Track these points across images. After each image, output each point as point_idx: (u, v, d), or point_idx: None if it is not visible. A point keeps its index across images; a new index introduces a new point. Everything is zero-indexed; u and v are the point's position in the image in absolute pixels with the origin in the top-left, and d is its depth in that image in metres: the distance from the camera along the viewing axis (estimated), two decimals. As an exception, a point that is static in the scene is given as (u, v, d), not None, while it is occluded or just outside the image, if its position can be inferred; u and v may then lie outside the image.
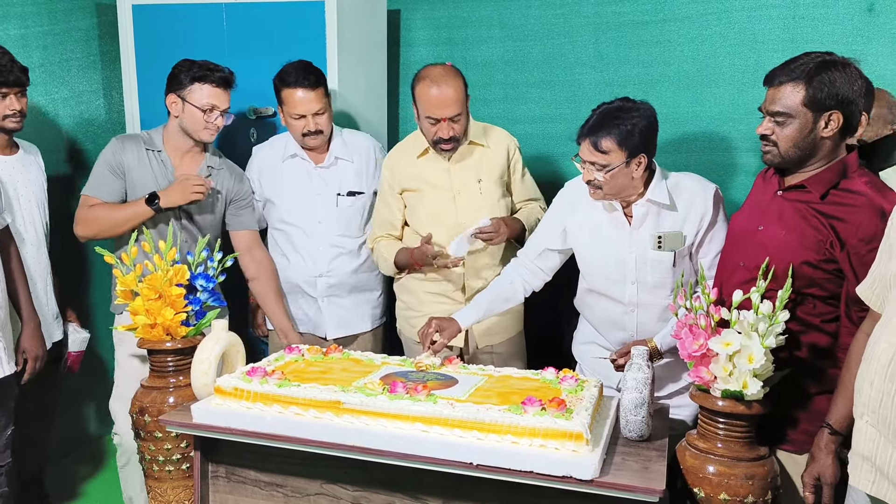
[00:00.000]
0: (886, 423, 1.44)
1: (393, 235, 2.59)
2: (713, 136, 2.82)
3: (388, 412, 1.70)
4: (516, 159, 2.55)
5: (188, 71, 2.47)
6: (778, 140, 1.80)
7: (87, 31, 3.15)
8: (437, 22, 3.18)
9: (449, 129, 2.36)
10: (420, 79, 2.38)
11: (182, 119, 2.49)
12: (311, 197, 2.65)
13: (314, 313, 2.72)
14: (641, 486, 1.55)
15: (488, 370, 2.01)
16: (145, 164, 2.51)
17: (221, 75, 2.48)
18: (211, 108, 2.47)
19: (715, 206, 2.12)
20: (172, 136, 2.54)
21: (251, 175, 2.71)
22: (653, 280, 2.13)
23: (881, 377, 1.45)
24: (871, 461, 1.47)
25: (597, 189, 2.06)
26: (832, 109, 1.74)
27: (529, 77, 3.07)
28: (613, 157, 1.99)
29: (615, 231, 2.15)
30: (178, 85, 2.48)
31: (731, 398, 1.67)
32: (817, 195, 1.79)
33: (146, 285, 2.06)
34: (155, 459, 2.07)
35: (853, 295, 1.71)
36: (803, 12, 2.69)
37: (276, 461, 1.86)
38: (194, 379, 1.94)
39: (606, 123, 1.99)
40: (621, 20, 2.91)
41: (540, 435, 1.60)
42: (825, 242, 1.76)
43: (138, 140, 2.55)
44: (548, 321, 2.81)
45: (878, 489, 1.47)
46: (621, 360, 2.13)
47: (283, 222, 2.68)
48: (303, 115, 2.53)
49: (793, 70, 1.77)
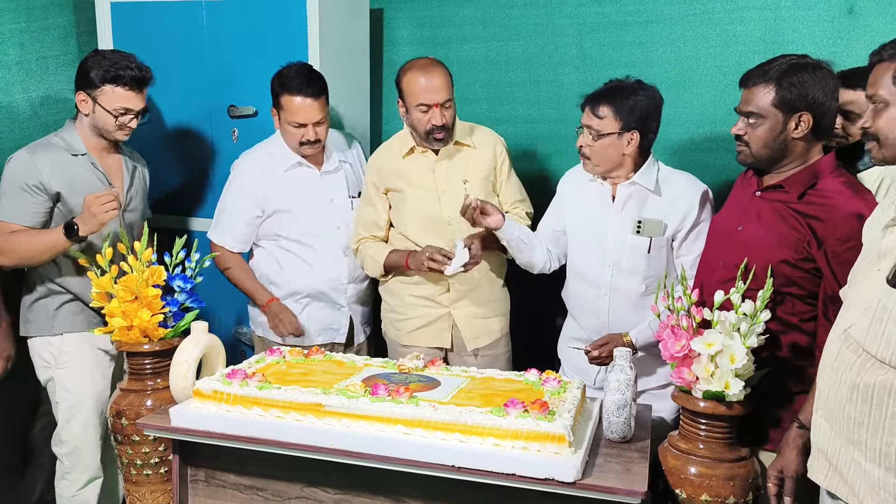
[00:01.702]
0: (834, 415, 1.46)
1: (378, 237, 2.56)
2: (695, 136, 2.84)
3: (369, 414, 1.69)
4: (503, 160, 2.54)
5: (99, 68, 2.29)
6: (750, 140, 1.85)
7: (64, 28, 3.10)
8: (421, 21, 3.16)
9: (441, 115, 2.35)
10: (406, 70, 2.38)
11: (94, 118, 2.34)
12: (325, 203, 2.58)
13: (336, 319, 2.66)
14: (623, 488, 1.55)
15: (471, 372, 2.00)
16: (79, 174, 2.33)
17: (134, 75, 2.31)
18: (124, 111, 2.32)
19: (701, 205, 2.16)
20: (88, 136, 2.38)
21: (251, 190, 2.53)
22: (627, 265, 2.17)
23: (829, 370, 1.48)
24: (825, 454, 1.50)
25: (586, 159, 2.15)
26: (802, 111, 1.78)
27: (513, 77, 3.06)
28: (607, 124, 2.09)
29: (600, 210, 2.22)
30: (89, 84, 2.30)
31: (712, 399, 1.67)
32: (795, 195, 1.82)
33: (122, 287, 2.03)
34: (133, 463, 2.04)
35: (830, 293, 1.74)
36: (784, 14, 2.71)
37: (257, 464, 1.84)
38: (173, 382, 1.92)
39: (610, 93, 2.11)
40: (604, 21, 2.92)
41: (522, 437, 1.59)
42: (802, 241, 1.78)
43: (54, 149, 2.33)
44: (534, 323, 2.81)
45: (829, 482, 1.49)
46: (595, 351, 2.17)
47: (300, 232, 2.56)
48: (303, 125, 2.44)
49: (766, 72, 1.81)
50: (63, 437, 2.43)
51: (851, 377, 1.42)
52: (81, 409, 2.40)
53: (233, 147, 2.85)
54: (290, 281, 2.59)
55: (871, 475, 1.39)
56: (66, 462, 2.44)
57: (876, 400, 1.37)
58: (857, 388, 1.40)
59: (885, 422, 1.36)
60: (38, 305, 2.40)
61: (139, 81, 2.33)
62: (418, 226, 2.47)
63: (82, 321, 2.40)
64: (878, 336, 1.37)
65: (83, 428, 2.41)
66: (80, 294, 2.38)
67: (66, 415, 2.41)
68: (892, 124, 1.46)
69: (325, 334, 2.65)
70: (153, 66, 2.92)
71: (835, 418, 1.46)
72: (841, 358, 1.46)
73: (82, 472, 2.43)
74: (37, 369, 2.45)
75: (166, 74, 2.91)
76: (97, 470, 2.46)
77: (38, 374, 2.46)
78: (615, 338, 2.18)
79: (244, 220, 2.57)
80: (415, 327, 2.53)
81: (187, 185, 2.99)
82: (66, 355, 2.40)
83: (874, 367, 1.38)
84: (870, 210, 1.71)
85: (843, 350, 1.45)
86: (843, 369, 1.44)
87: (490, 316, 2.54)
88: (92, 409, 2.42)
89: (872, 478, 1.39)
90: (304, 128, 2.45)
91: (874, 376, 1.37)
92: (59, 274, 2.37)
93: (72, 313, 2.40)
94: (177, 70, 2.90)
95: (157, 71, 2.90)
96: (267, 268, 2.61)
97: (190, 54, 2.87)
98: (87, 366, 2.41)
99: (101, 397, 2.42)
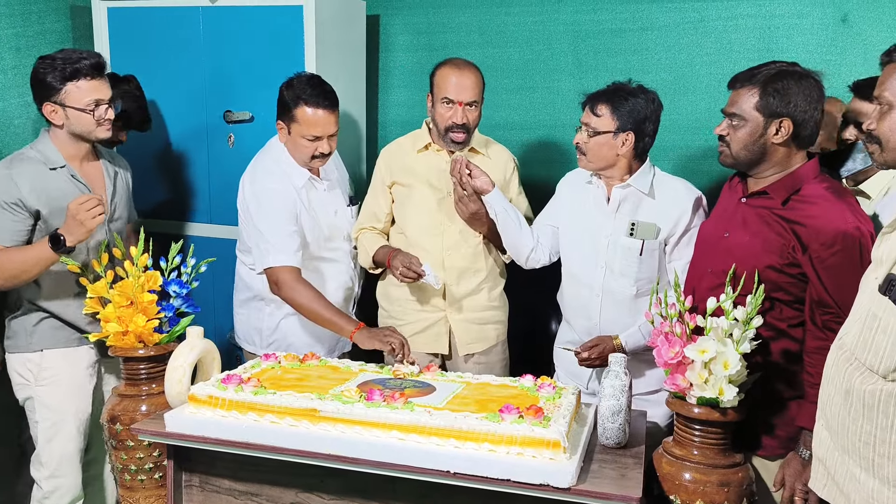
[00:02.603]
0: (830, 425, 1.45)
1: (377, 228, 2.57)
2: (690, 143, 2.85)
3: (364, 420, 1.69)
4: (514, 176, 2.56)
5: (54, 72, 2.16)
6: (731, 141, 1.88)
7: (61, 33, 3.10)
8: (417, 27, 3.17)
9: (464, 114, 2.37)
10: (442, 65, 2.42)
11: (70, 125, 2.22)
12: (332, 215, 2.55)
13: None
14: (618, 494, 1.55)
15: (466, 377, 2.00)
16: (59, 189, 2.22)
17: (90, 63, 2.18)
18: (96, 103, 2.20)
19: (694, 211, 2.18)
20: (66, 145, 2.26)
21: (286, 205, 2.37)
22: (619, 267, 2.20)
23: (827, 380, 1.48)
24: (824, 464, 1.49)
25: (581, 155, 2.20)
26: (783, 117, 1.80)
27: (508, 83, 3.07)
28: (603, 122, 2.14)
29: (595, 211, 2.25)
30: (50, 91, 2.17)
31: (706, 405, 1.68)
32: (779, 201, 1.84)
33: (117, 292, 2.03)
34: (127, 469, 2.04)
35: (816, 298, 1.76)
36: (778, 22, 2.73)
37: (251, 470, 1.84)
38: (168, 387, 1.91)
39: (610, 93, 2.16)
40: (600, 28, 2.93)
41: (517, 443, 1.59)
42: (788, 247, 1.80)
43: (32, 163, 2.22)
44: (531, 329, 2.81)
45: (828, 493, 1.49)
46: (585, 353, 2.19)
47: (317, 245, 2.49)
48: (318, 137, 2.35)
49: (753, 76, 1.84)
50: (43, 459, 2.33)
51: (845, 385, 1.41)
52: (63, 427, 2.32)
53: (229, 152, 2.86)
54: None
55: (866, 486, 1.37)
56: (46, 486, 2.34)
57: (866, 410, 1.36)
58: (850, 397, 1.40)
59: (877, 432, 1.35)
60: (17, 322, 2.32)
61: (98, 67, 2.20)
62: (418, 223, 2.48)
63: (63, 338, 2.32)
64: (867, 344, 1.37)
65: (65, 447, 2.33)
66: (57, 313, 2.30)
67: (46, 434, 2.32)
68: (895, 128, 1.43)
69: (340, 346, 2.61)
70: (150, 71, 2.94)
71: (832, 427, 1.46)
72: (837, 366, 1.45)
73: (62, 496, 2.35)
74: (14, 387, 2.35)
75: (163, 79, 2.93)
76: (79, 492, 2.39)
77: (16, 393, 2.36)
78: (605, 340, 2.19)
79: (289, 232, 2.39)
80: (411, 332, 2.52)
81: (183, 190, 2.99)
82: (46, 371, 2.31)
83: (865, 375, 1.37)
84: (853, 215, 1.73)
85: (839, 358, 1.45)
86: (837, 378, 1.44)
87: (487, 322, 2.54)
88: (74, 427, 2.34)
89: (867, 489, 1.37)
90: (318, 141, 2.36)
91: (865, 385, 1.36)
92: (38, 293, 2.28)
93: (52, 328, 2.31)
94: (173, 75, 2.90)
95: (153, 76, 2.93)
96: None
97: (187, 59, 2.88)
98: (69, 383, 2.33)
99: (83, 416, 2.36)
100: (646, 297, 2.18)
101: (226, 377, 1.87)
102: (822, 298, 1.75)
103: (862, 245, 1.71)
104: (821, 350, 1.74)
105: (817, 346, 1.76)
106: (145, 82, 2.87)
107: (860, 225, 1.73)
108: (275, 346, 2.53)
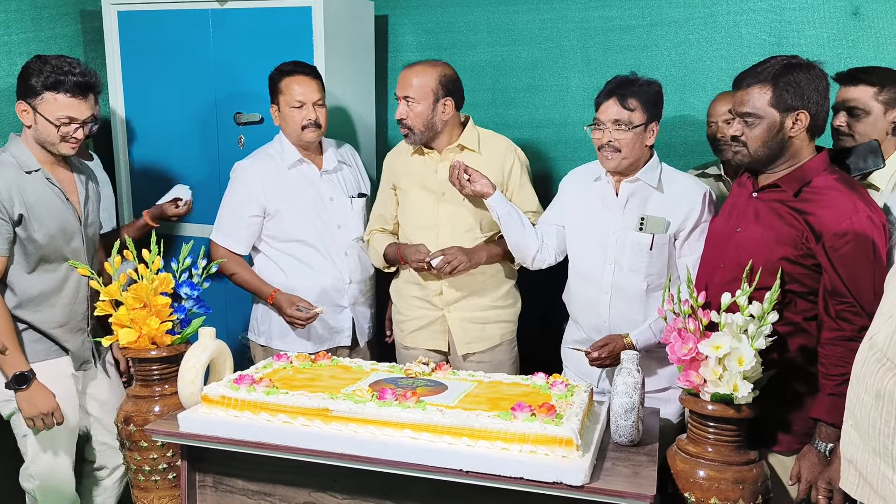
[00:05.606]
0: (859, 425, 1.44)
1: (386, 230, 2.62)
2: (700, 139, 2.83)
3: (377, 419, 1.69)
4: (515, 170, 2.50)
5: (39, 75, 2.09)
6: (747, 140, 1.86)
7: (71, 37, 3.12)
8: (425, 27, 3.17)
9: (405, 110, 2.40)
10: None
11: (36, 130, 2.15)
12: (325, 202, 2.59)
13: (339, 322, 2.64)
14: (632, 492, 1.54)
15: (478, 376, 2.00)
16: (36, 193, 2.16)
17: (77, 81, 2.10)
18: (69, 120, 2.12)
19: (703, 205, 2.16)
20: (36, 148, 2.19)
21: (252, 190, 2.52)
22: (628, 262, 2.18)
23: (856, 378, 1.46)
24: (854, 465, 1.47)
25: (615, 151, 2.12)
26: (799, 109, 1.80)
27: (517, 82, 3.06)
28: (637, 115, 2.10)
29: (603, 207, 2.23)
30: (29, 92, 2.11)
31: (720, 402, 1.66)
32: (791, 193, 1.84)
33: (131, 294, 2.04)
34: (140, 469, 2.05)
35: (830, 287, 1.76)
36: (789, 16, 2.71)
37: (265, 470, 1.84)
38: (181, 387, 1.92)
39: (631, 85, 2.11)
40: (608, 25, 2.92)
41: (530, 441, 1.59)
42: (801, 237, 1.80)
43: (7, 167, 2.15)
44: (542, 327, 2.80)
45: (861, 493, 1.46)
46: (595, 352, 2.17)
47: (302, 231, 2.55)
48: (303, 104, 2.47)
49: (759, 73, 1.83)
50: (32, 471, 2.29)
51: (876, 387, 1.39)
52: (51, 440, 2.27)
53: (239, 154, 2.86)
54: (293, 284, 2.56)
55: None
56: (40, 497, 2.31)
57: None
58: (881, 400, 1.36)
59: None
60: None
61: (83, 87, 2.12)
62: (414, 224, 2.50)
63: (42, 350, 2.24)
64: None
65: (54, 459, 2.29)
66: (35, 323, 2.22)
67: (34, 448, 2.26)
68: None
69: (331, 339, 2.64)
70: (160, 74, 2.95)
71: (862, 428, 1.44)
72: (867, 366, 1.42)
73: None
74: None
75: (173, 82, 2.94)
76: (73, 502, 2.38)
77: (0, 409, 2.28)
78: (615, 339, 2.18)
79: (246, 221, 2.55)
80: (414, 328, 2.55)
81: (194, 192, 2.99)
82: None
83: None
84: (865, 205, 1.74)
85: (869, 358, 1.43)
86: (868, 379, 1.41)
87: (488, 322, 2.52)
88: (62, 438, 2.29)
89: None
90: (304, 108, 2.48)
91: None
92: (16, 304, 2.20)
93: (31, 341, 2.23)
94: (183, 77, 2.92)
95: (163, 79, 2.94)
96: (268, 273, 2.59)
97: (196, 62, 2.89)
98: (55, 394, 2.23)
99: (70, 425, 2.30)
100: (656, 292, 2.17)
101: (238, 377, 1.88)
102: (837, 288, 1.74)
103: (874, 235, 1.72)
104: (835, 341, 1.74)
105: (832, 337, 1.76)
106: (156, 85, 2.88)
107: (872, 215, 1.74)
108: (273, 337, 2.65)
